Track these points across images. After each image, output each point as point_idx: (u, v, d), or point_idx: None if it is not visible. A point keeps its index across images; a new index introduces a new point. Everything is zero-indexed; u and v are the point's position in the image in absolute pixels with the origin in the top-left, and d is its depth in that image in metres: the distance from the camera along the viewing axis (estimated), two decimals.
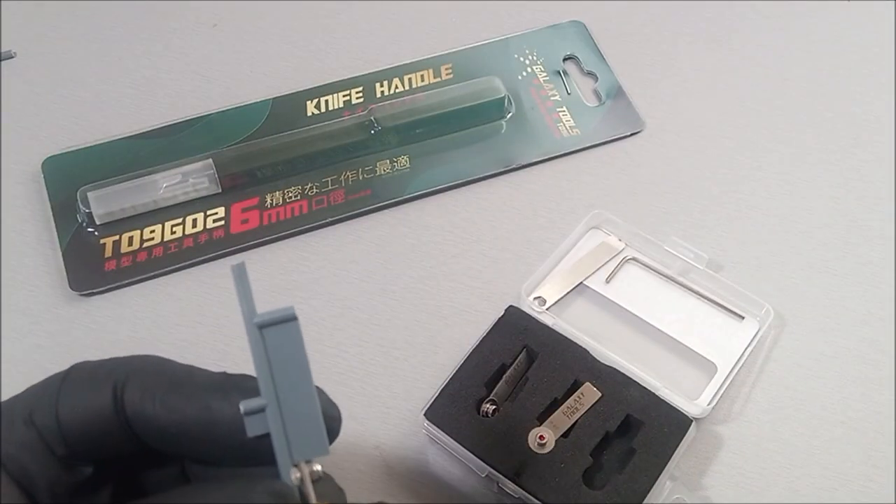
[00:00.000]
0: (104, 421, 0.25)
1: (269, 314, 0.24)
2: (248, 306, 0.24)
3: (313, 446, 0.24)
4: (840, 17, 0.54)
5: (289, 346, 0.24)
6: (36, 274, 0.43)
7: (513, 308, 0.40)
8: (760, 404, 0.40)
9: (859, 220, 0.46)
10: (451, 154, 0.47)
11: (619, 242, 0.44)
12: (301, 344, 0.24)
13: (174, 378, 0.25)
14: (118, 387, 0.25)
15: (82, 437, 0.25)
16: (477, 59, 0.51)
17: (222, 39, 0.52)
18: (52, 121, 0.48)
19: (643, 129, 0.49)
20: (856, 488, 0.38)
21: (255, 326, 0.24)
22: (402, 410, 0.39)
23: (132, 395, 0.25)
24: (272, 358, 0.24)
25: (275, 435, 0.24)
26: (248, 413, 0.24)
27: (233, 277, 0.24)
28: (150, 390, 0.25)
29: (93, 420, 0.25)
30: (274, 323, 0.24)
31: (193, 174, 0.45)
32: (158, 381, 0.25)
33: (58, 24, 0.52)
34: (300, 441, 0.24)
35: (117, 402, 0.25)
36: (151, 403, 0.25)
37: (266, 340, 0.24)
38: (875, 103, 0.50)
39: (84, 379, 0.25)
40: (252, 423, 0.24)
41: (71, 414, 0.25)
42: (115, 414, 0.25)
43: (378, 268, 0.44)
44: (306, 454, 0.24)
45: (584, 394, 0.38)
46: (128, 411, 0.25)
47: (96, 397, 0.25)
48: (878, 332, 0.42)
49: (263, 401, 0.24)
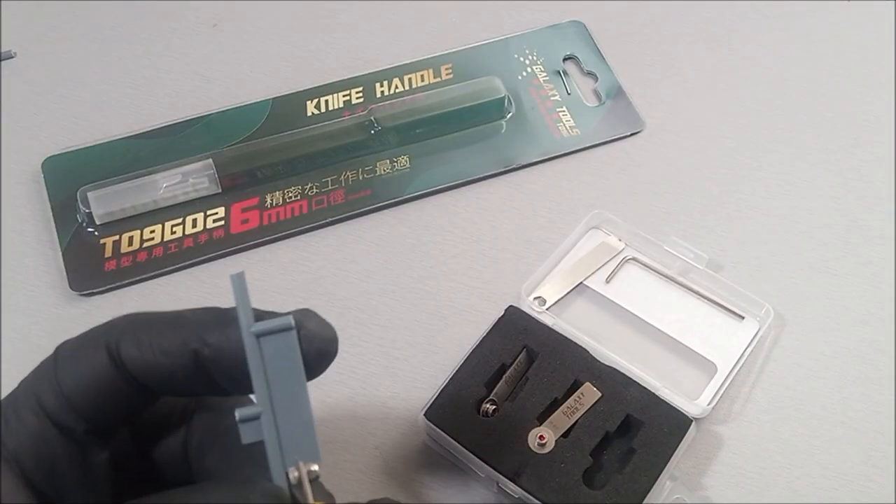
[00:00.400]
0: (109, 382, 0.25)
1: (266, 323, 0.24)
2: (246, 315, 0.24)
3: (306, 453, 0.25)
4: (840, 17, 0.54)
5: (285, 355, 0.24)
6: (36, 274, 0.43)
7: (513, 308, 0.40)
8: (760, 404, 0.40)
9: (859, 220, 0.46)
10: (451, 154, 0.47)
11: (619, 242, 0.44)
12: (298, 353, 0.25)
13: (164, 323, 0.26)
14: (112, 347, 0.25)
15: (92, 404, 0.25)
16: (477, 59, 0.51)
17: (222, 39, 0.52)
18: (52, 121, 0.48)
19: (643, 129, 0.49)
20: (856, 488, 0.38)
21: (252, 335, 0.24)
22: (402, 410, 0.39)
23: (129, 350, 0.25)
24: (268, 366, 0.24)
25: (268, 442, 0.24)
26: (242, 420, 0.24)
27: (231, 286, 0.24)
28: (145, 340, 0.25)
29: (98, 385, 0.25)
30: (271, 332, 0.24)
31: (193, 174, 0.45)
32: (150, 329, 0.25)
33: (58, 24, 0.52)
34: (293, 448, 0.24)
35: (116, 361, 0.25)
36: (151, 353, 0.25)
37: (263, 349, 0.24)
38: (875, 103, 0.50)
39: (75, 351, 0.25)
40: (247, 431, 0.24)
41: (76, 387, 0.25)
42: (116, 372, 0.25)
43: (378, 268, 0.44)
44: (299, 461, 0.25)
45: (584, 394, 0.38)
46: (128, 366, 0.25)
47: (94, 363, 0.25)
48: (878, 332, 0.42)
49: (258, 408, 0.24)
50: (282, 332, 0.24)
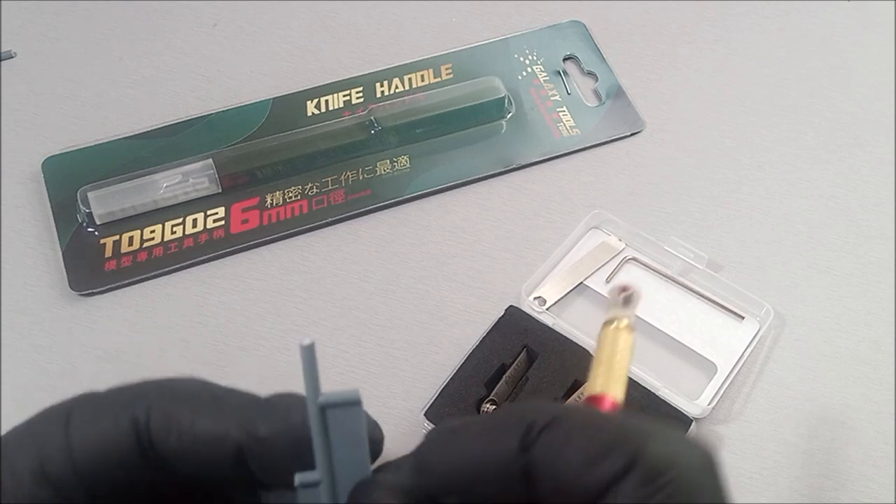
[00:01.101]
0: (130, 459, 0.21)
1: (333, 395, 0.24)
2: (313, 386, 0.24)
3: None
4: (840, 17, 0.54)
5: (349, 428, 0.24)
6: (36, 274, 0.43)
7: (513, 308, 0.40)
8: (760, 404, 0.40)
9: (859, 220, 0.46)
10: (451, 154, 0.47)
11: (619, 242, 0.44)
12: (362, 427, 0.24)
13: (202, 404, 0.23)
14: (140, 421, 0.22)
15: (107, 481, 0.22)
16: (477, 59, 0.51)
17: (222, 39, 0.52)
18: (52, 121, 0.48)
19: (643, 129, 0.49)
20: (856, 488, 0.38)
21: (317, 407, 0.24)
22: (402, 410, 0.39)
23: (160, 431, 0.22)
24: (332, 437, 0.24)
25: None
26: (302, 486, 0.24)
27: (301, 358, 0.24)
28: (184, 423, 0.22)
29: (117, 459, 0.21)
30: (337, 405, 0.24)
31: (193, 174, 0.45)
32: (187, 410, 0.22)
33: (58, 24, 0.52)
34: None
35: (142, 439, 0.22)
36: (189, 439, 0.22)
37: (328, 420, 0.24)
38: (875, 103, 0.50)
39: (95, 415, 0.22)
40: (304, 495, 0.24)
41: (89, 458, 0.21)
42: (139, 449, 0.22)
43: (378, 268, 0.44)
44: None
45: (584, 394, 0.37)
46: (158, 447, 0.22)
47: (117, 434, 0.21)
48: (878, 332, 0.42)
49: (318, 475, 0.24)
50: (348, 406, 0.24)
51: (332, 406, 0.24)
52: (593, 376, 0.27)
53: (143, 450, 0.22)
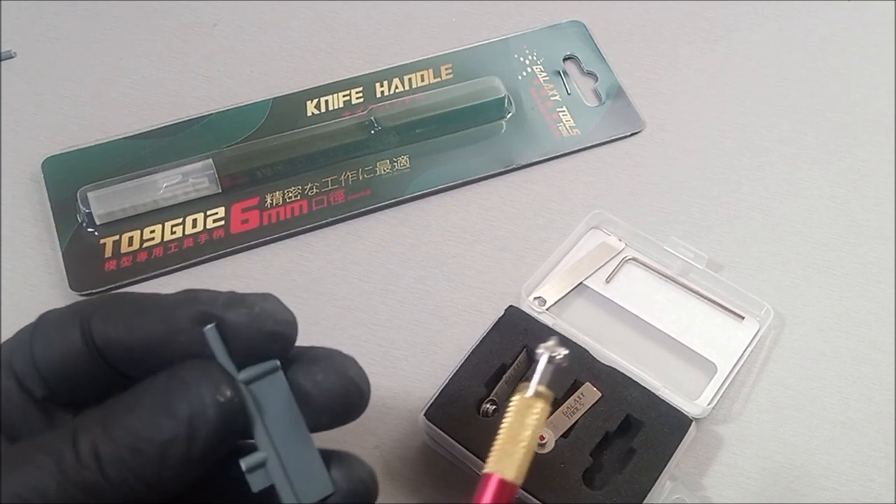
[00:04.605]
0: (77, 356, 0.25)
1: (252, 370, 0.24)
2: (229, 366, 0.24)
3: (318, 488, 0.25)
4: (840, 17, 0.54)
5: (277, 397, 0.25)
6: (36, 274, 0.43)
7: (513, 308, 0.40)
8: (760, 404, 0.40)
9: (859, 220, 0.46)
10: (451, 154, 0.47)
11: (619, 242, 0.44)
12: (288, 392, 0.25)
13: (138, 303, 0.26)
14: (85, 321, 0.25)
15: (59, 375, 0.26)
16: (477, 59, 0.51)
17: (222, 39, 0.52)
18: (52, 121, 0.48)
19: (643, 129, 0.49)
20: (856, 488, 0.38)
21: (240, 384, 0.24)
22: (402, 410, 0.39)
23: (98, 324, 0.25)
24: (263, 411, 0.24)
25: (279, 485, 0.24)
26: (249, 469, 0.24)
27: (208, 341, 0.24)
28: (115, 317, 0.26)
29: (67, 357, 0.25)
30: (258, 378, 0.24)
31: (193, 174, 0.45)
32: (123, 308, 0.26)
33: (58, 24, 0.52)
34: (305, 485, 0.25)
35: (86, 336, 0.25)
36: (115, 327, 0.25)
37: (255, 395, 0.24)
38: (875, 103, 0.50)
39: (54, 321, 0.26)
40: (255, 479, 0.24)
41: (45, 355, 0.26)
42: (86, 347, 0.25)
43: (378, 268, 0.44)
44: (312, 497, 0.25)
45: (584, 394, 0.38)
46: (96, 341, 0.25)
47: (67, 335, 0.26)
48: (878, 332, 0.42)
49: (263, 455, 0.24)
50: (269, 375, 0.25)
51: (254, 380, 0.24)
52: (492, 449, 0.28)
53: (88, 348, 0.25)
